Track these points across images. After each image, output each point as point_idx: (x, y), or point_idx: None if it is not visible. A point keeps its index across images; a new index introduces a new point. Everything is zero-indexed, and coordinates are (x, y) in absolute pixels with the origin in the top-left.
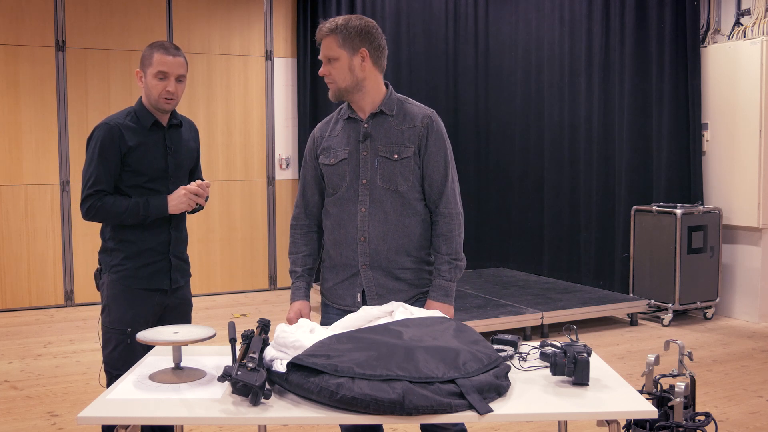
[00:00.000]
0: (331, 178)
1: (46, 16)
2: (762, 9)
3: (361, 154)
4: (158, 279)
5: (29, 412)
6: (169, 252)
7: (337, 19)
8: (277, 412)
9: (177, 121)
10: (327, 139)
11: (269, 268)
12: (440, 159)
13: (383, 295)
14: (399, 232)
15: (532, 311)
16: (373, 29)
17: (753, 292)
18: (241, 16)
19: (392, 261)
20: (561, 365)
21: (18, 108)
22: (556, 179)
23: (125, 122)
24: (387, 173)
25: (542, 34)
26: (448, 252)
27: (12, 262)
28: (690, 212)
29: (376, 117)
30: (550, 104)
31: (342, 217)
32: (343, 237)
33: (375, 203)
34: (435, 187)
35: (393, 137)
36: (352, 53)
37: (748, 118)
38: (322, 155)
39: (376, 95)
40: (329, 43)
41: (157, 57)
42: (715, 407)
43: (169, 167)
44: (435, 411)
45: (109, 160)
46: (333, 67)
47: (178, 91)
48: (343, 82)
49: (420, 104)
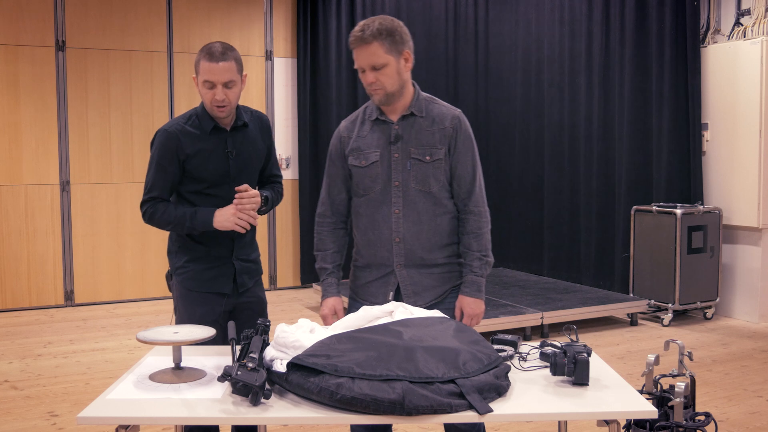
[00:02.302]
0: (362, 180)
1: (46, 16)
2: (762, 9)
3: (393, 156)
4: (221, 283)
5: (29, 412)
6: (231, 257)
7: (374, 24)
8: (277, 412)
9: (242, 122)
10: (355, 140)
11: (269, 268)
12: (468, 159)
13: (419, 292)
14: (432, 230)
15: (532, 311)
16: (406, 29)
17: (753, 292)
18: (241, 16)
19: (426, 259)
20: (561, 365)
21: (18, 108)
22: (556, 179)
23: (185, 128)
24: (420, 175)
25: (542, 34)
26: (479, 248)
27: (12, 262)
28: (690, 212)
29: (406, 119)
30: (550, 104)
31: (375, 219)
32: (377, 238)
33: (408, 204)
34: (464, 186)
35: (424, 139)
36: (398, 57)
37: (748, 118)
38: (351, 156)
39: (408, 96)
40: (375, 49)
41: (203, 65)
42: (715, 407)
43: (231, 171)
44: (435, 411)
45: (165, 167)
46: (382, 73)
47: (229, 97)
48: (392, 87)
49: (447, 104)
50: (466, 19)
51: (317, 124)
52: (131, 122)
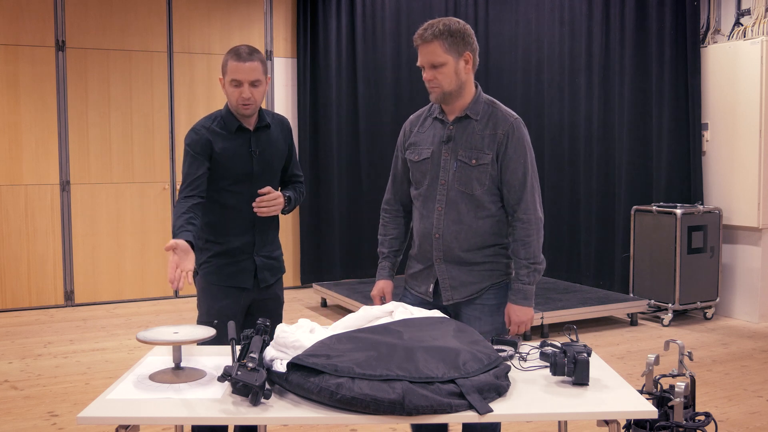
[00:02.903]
0: (414, 173)
1: (46, 16)
2: (762, 9)
3: (443, 156)
4: (242, 278)
5: (29, 412)
6: (253, 252)
7: (438, 24)
8: (277, 412)
9: (265, 123)
10: (416, 134)
11: None
12: (519, 165)
13: (456, 287)
14: (472, 231)
15: None
16: (471, 31)
17: (753, 292)
18: (241, 16)
19: (464, 258)
20: (561, 365)
21: (18, 108)
22: (556, 179)
23: (212, 127)
24: (464, 177)
25: (542, 34)
26: (526, 257)
27: (12, 262)
28: (690, 212)
29: (461, 120)
30: (550, 104)
31: (422, 212)
32: (423, 230)
33: (450, 203)
34: (513, 192)
35: (474, 142)
36: (457, 57)
37: (748, 118)
38: (408, 150)
39: (468, 97)
40: (434, 48)
41: (230, 65)
42: (715, 407)
43: (254, 170)
44: (435, 411)
45: (199, 159)
46: (439, 72)
47: (255, 95)
48: (449, 86)
49: (507, 109)
50: (466, 19)
51: (317, 124)
52: (131, 122)
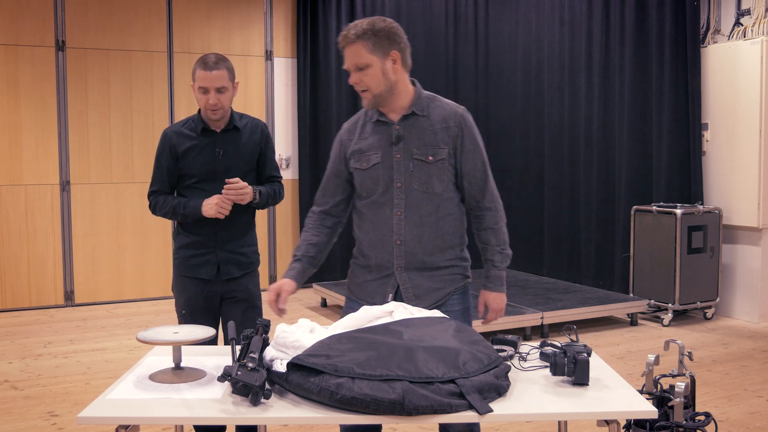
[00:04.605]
0: (364, 182)
1: (46, 16)
2: (762, 9)
3: (395, 158)
4: (205, 270)
5: (29, 412)
6: (216, 246)
7: (361, 24)
8: (277, 412)
9: (232, 126)
10: (357, 142)
11: (269, 267)
12: (478, 156)
13: (420, 295)
14: (433, 233)
15: (532, 311)
16: (398, 29)
17: (753, 292)
18: (241, 16)
19: (427, 262)
20: (561, 365)
21: (18, 108)
22: (556, 179)
23: (180, 129)
24: (422, 176)
25: (542, 34)
26: (498, 243)
27: (12, 262)
28: (690, 212)
29: (407, 119)
30: (550, 104)
31: (377, 220)
32: (378, 239)
33: (410, 206)
34: (476, 183)
35: (427, 138)
36: (383, 57)
37: (748, 118)
38: (353, 159)
39: (406, 96)
40: (358, 50)
41: (198, 73)
42: (715, 407)
43: (218, 169)
44: (435, 411)
45: (162, 164)
46: (365, 74)
47: (221, 101)
48: (378, 88)
49: (450, 102)
50: (466, 18)
51: (317, 124)
52: (131, 122)
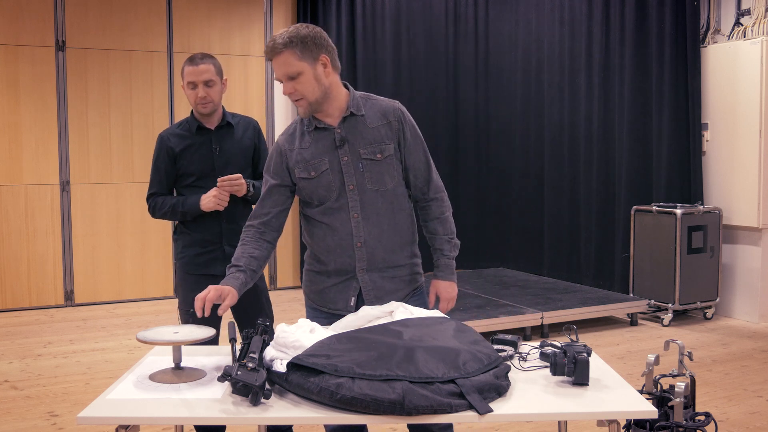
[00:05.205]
0: (315, 190)
1: (46, 16)
2: (762, 9)
3: (342, 160)
4: (213, 266)
5: (29, 412)
6: (222, 242)
7: (286, 33)
8: (277, 412)
9: (225, 122)
10: (298, 152)
11: (269, 267)
12: (419, 148)
13: (381, 297)
14: (392, 230)
15: (532, 311)
16: (323, 33)
17: (753, 292)
18: (241, 16)
19: (388, 261)
20: (561, 365)
21: (18, 108)
22: (556, 179)
23: (175, 131)
24: (374, 174)
25: (542, 34)
26: (445, 232)
27: (12, 262)
28: (690, 212)
29: (347, 120)
30: (550, 104)
31: (334, 225)
32: (337, 244)
33: (366, 207)
34: (420, 175)
35: (371, 137)
36: (313, 63)
37: (748, 118)
38: (297, 169)
39: (341, 98)
40: (287, 59)
41: (186, 69)
42: (715, 407)
43: (215, 165)
44: (435, 411)
45: (160, 166)
46: (298, 82)
47: (210, 95)
48: (313, 95)
49: (384, 98)
50: (466, 19)
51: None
52: (131, 122)
